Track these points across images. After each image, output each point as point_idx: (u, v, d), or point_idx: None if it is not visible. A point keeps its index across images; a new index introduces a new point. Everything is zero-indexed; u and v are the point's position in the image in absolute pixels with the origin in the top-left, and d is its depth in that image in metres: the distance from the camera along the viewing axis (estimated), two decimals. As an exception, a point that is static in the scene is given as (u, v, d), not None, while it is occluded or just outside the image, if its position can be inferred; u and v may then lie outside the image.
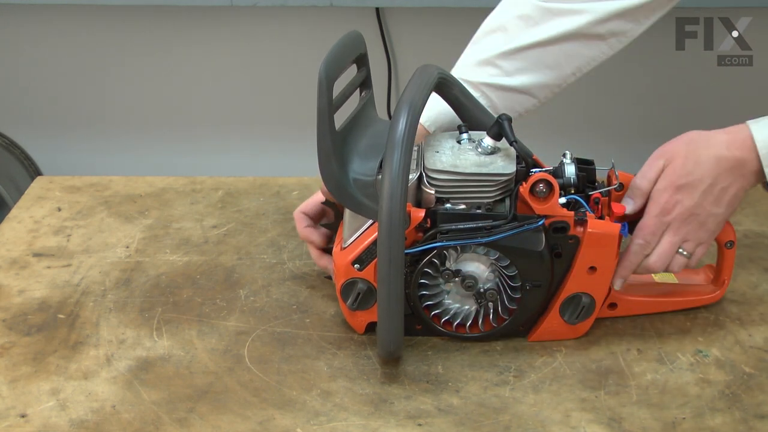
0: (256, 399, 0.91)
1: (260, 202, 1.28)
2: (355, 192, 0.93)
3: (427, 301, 0.97)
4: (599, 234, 0.94)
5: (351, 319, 1.00)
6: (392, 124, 0.87)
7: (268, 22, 2.28)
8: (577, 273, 0.96)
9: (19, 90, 2.45)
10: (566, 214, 0.94)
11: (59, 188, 1.32)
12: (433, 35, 2.27)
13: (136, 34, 2.37)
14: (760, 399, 0.92)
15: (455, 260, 0.95)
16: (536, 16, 1.07)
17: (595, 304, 0.97)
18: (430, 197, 0.95)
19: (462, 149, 0.97)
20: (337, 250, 0.98)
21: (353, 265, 0.95)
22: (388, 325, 0.90)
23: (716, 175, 0.96)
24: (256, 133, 2.43)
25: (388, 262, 0.87)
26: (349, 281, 0.96)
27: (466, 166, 0.94)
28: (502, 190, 0.95)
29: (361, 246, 0.95)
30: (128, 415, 0.89)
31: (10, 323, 1.03)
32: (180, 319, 1.04)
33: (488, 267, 0.96)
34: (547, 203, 0.93)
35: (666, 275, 1.06)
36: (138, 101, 2.46)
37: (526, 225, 0.93)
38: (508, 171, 0.94)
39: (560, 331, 0.99)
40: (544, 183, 0.92)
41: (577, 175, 0.95)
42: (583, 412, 0.90)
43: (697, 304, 1.05)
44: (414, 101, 0.88)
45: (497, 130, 0.95)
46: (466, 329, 0.99)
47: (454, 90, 1.00)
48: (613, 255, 0.95)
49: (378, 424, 0.88)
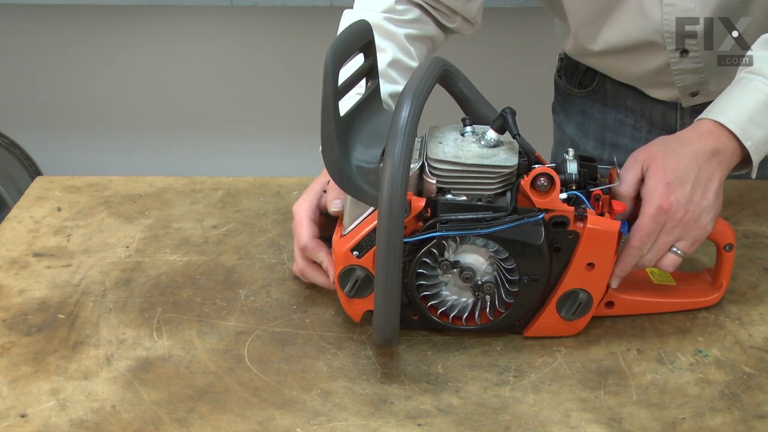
0: (256, 399, 0.92)
1: (260, 202, 1.28)
2: (357, 178, 0.93)
3: (424, 291, 0.97)
4: (599, 230, 0.94)
5: (348, 307, 1.00)
6: (395, 111, 0.88)
7: (268, 22, 2.28)
8: (575, 268, 0.96)
9: (19, 90, 2.46)
10: (566, 209, 0.94)
11: (59, 188, 1.32)
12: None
13: (136, 34, 2.37)
14: (760, 399, 0.92)
15: (454, 251, 0.96)
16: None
17: (593, 300, 0.97)
18: (432, 187, 0.95)
19: (465, 141, 0.97)
20: (337, 238, 0.98)
21: (352, 252, 0.95)
22: (384, 311, 0.90)
23: (698, 167, 0.97)
24: (256, 133, 2.43)
25: (386, 248, 0.87)
26: (348, 268, 0.96)
27: (468, 157, 0.94)
28: (503, 183, 0.95)
29: (360, 233, 0.95)
30: (128, 415, 0.89)
31: (10, 323, 1.03)
32: (180, 319, 1.04)
33: (487, 259, 0.96)
34: (547, 197, 0.93)
35: (664, 277, 1.06)
36: (138, 101, 2.47)
37: (526, 218, 0.93)
38: (510, 163, 0.94)
39: (557, 328, 0.99)
40: (545, 177, 0.92)
41: (579, 172, 0.95)
42: (582, 412, 0.90)
43: (694, 306, 1.05)
44: (418, 90, 0.89)
45: (501, 123, 0.95)
46: (463, 321, 0.99)
47: (459, 83, 1.01)
48: (611, 252, 0.95)
49: (378, 424, 0.88)
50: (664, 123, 1.33)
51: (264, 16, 2.24)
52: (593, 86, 1.37)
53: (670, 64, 1.22)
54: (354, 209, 0.96)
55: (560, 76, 1.45)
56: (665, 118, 1.33)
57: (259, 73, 2.35)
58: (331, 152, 0.91)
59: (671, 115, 1.32)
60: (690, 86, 1.25)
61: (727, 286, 1.04)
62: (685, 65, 1.22)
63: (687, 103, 1.29)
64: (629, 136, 1.36)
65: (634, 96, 1.34)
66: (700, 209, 0.97)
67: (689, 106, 1.29)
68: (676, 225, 0.97)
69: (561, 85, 1.46)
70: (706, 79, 1.23)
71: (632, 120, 1.36)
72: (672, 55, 1.20)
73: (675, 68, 1.22)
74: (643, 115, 1.35)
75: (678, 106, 1.31)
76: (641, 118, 1.35)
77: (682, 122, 1.32)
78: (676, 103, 1.31)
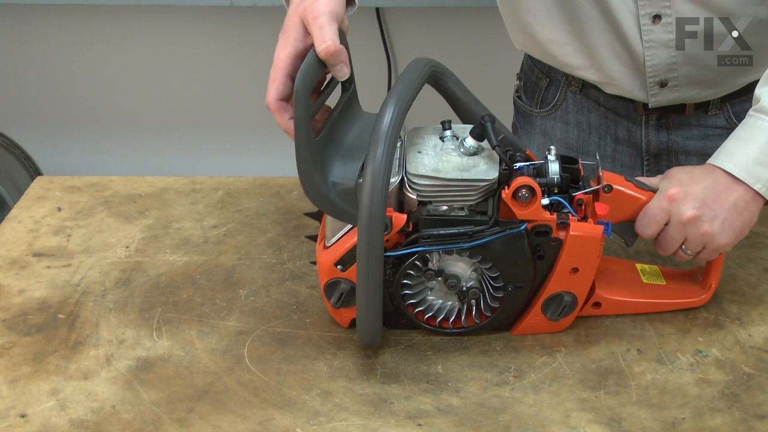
0: (256, 399, 0.92)
1: (260, 202, 1.28)
2: (336, 200, 0.92)
3: (410, 300, 0.98)
4: (582, 237, 0.94)
5: (336, 315, 1.01)
6: (378, 117, 0.88)
7: (268, 22, 2.28)
8: (559, 273, 0.96)
9: (19, 90, 2.45)
10: (549, 218, 0.94)
11: (59, 188, 1.32)
12: (433, 35, 2.28)
13: (136, 34, 2.37)
14: (760, 399, 0.92)
15: (438, 261, 0.96)
16: None
17: (578, 301, 0.98)
18: (413, 201, 0.94)
19: (444, 149, 0.96)
20: (320, 248, 0.99)
21: (336, 266, 0.96)
22: (366, 323, 0.92)
23: (714, 179, 0.98)
24: (256, 133, 2.43)
25: (366, 270, 0.88)
26: (333, 281, 0.96)
27: (447, 170, 0.93)
28: (484, 194, 0.95)
29: (343, 248, 0.95)
30: (128, 415, 0.89)
31: (10, 323, 1.03)
32: (180, 319, 1.04)
33: (471, 266, 0.96)
34: (529, 208, 0.93)
35: (655, 276, 1.07)
36: (138, 101, 2.46)
37: (508, 230, 0.93)
38: (489, 177, 0.93)
39: (543, 326, 1.00)
40: (526, 188, 0.92)
41: (560, 175, 0.95)
42: (582, 412, 0.90)
43: (682, 306, 1.05)
44: (401, 95, 0.89)
45: (480, 131, 0.94)
46: (449, 324, 0.99)
47: (449, 83, 1.00)
48: (595, 256, 0.95)
49: (378, 424, 0.88)
50: (629, 140, 1.30)
51: (264, 16, 2.23)
52: (554, 102, 1.33)
53: (642, 34, 1.16)
54: (336, 221, 0.96)
55: (519, 96, 1.41)
56: (630, 135, 1.30)
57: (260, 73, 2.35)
58: (308, 175, 0.90)
59: (636, 130, 1.29)
60: (659, 69, 1.18)
61: (717, 286, 1.04)
62: (656, 36, 1.16)
63: (655, 99, 1.23)
64: (593, 155, 1.30)
65: (597, 111, 1.30)
66: (710, 213, 0.97)
67: (656, 105, 1.24)
68: (682, 221, 0.97)
69: (520, 106, 1.41)
70: (676, 58, 1.17)
71: (596, 138, 1.32)
72: (644, 21, 1.15)
73: (646, 39, 1.16)
74: (607, 131, 1.31)
75: (643, 121, 1.28)
76: (606, 135, 1.31)
77: (647, 139, 1.29)
78: (641, 117, 1.27)
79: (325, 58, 0.92)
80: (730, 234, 0.98)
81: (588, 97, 1.30)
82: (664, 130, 1.28)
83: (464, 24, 2.27)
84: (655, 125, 1.28)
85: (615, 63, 1.21)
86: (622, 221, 1.00)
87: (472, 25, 2.26)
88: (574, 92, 1.31)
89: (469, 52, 2.26)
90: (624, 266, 1.09)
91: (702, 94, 1.23)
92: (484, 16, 2.22)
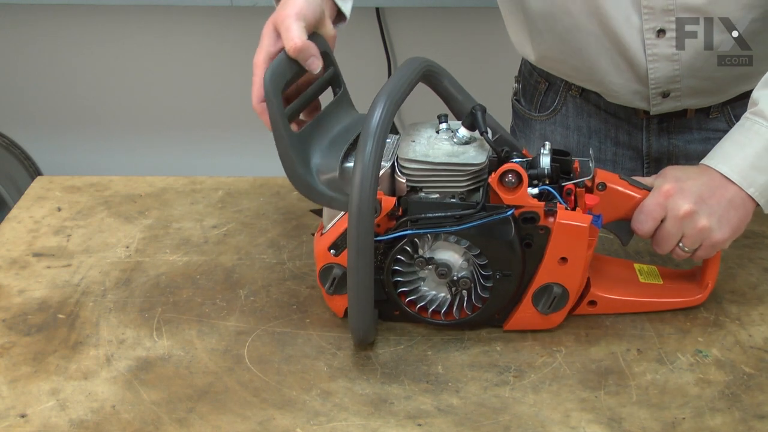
0: (256, 399, 0.92)
1: (260, 202, 1.28)
2: (324, 189, 0.95)
3: (402, 288, 0.98)
4: (569, 225, 0.94)
5: (330, 303, 1.02)
6: (368, 114, 0.90)
7: (268, 22, 2.28)
8: (548, 263, 0.96)
9: (19, 90, 2.45)
10: (536, 205, 0.94)
11: (59, 188, 1.32)
12: (433, 35, 2.28)
13: (136, 34, 2.37)
14: (760, 399, 0.92)
15: (429, 248, 0.97)
16: None
17: (568, 294, 0.98)
18: (403, 186, 0.96)
19: (438, 139, 0.98)
20: (318, 236, 1.00)
21: (329, 250, 0.97)
22: (357, 313, 0.92)
23: (710, 177, 0.99)
24: (256, 133, 2.42)
25: (356, 253, 0.89)
26: (326, 266, 0.98)
27: (437, 155, 0.95)
28: (473, 180, 0.96)
29: (336, 232, 0.97)
30: (128, 415, 0.89)
31: (10, 323, 1.03)
32: (180, 319, 1.04)
33: (462, 255, 0.97)
34: (515, 193, 0.94)
35: (652, 275, 1.07)
36: (138, 101, 2.46)
37: (495, 215, 0.94)
38: (478, 161, 0.95)
39: (534, 321, 1.00)
40: (513, 173, 0.93)
41: (551, 166, 0.96)
42: (582, 412, 0.90)
43: (678, 306, 1.04)
44: (392, 93, 0.91)
45: (471, 121, 0.96)
46: (441, 316, 0.99)
47: (444, 81, 1.02)
48: (583, 246, 0.95)
49: (378, 424, 0.88)
50: (630, 143, 1.30)
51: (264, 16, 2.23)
52: (554, 107, 1.33)
53: (645, 48, 1.15)
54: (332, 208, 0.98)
55: (518, 99, 1.40)
56: (631, 138, 1.29)
57: (259, 73, 2.35)
58: (292, 168, 0.95)
59: (637, 135, 1.29)
60: (662, 81, 1.18)
61: (714, 285, 1.04)
62: (660, 49, 1.15)
63: (656, 108, 1.23)
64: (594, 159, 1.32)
65: (598, 115, 1.30)
66: (707, 208, 0.97)
67: (657, 113, 1.24)
68: (679, 216, 0.97)
69: (519, 109, 1.40)
70: (680, 71, 1.17)
71: (596, 142, 1.32)
72: (648, 35, 1.14)
73: (650, 53, 1.16)
74: (608, 135, 1.31)
75: (644, 125, 1.28)
76: (606, 139, 1.31)
77: (648, 143, 1.29)
78: (642, 122, 1.27)
79: (294, 55, 0.97)
80: (727, 229, 0.98)
81: (588, 102, 1.30)
82: (665, 134, 1.28)
83: (464, 24, 2.27)
84: (656, 129, 1.28)
85: (616, 76, 1.21)
86: (617, 219, 1.00)
87: (472, 26, 2.26)
88: (574, 96, 1.31)
89: (468, 53, 2.26)
90: (621, 265, 1.09)
91: (704, 102, 1.24)
92: (484, 16, 2.22)
